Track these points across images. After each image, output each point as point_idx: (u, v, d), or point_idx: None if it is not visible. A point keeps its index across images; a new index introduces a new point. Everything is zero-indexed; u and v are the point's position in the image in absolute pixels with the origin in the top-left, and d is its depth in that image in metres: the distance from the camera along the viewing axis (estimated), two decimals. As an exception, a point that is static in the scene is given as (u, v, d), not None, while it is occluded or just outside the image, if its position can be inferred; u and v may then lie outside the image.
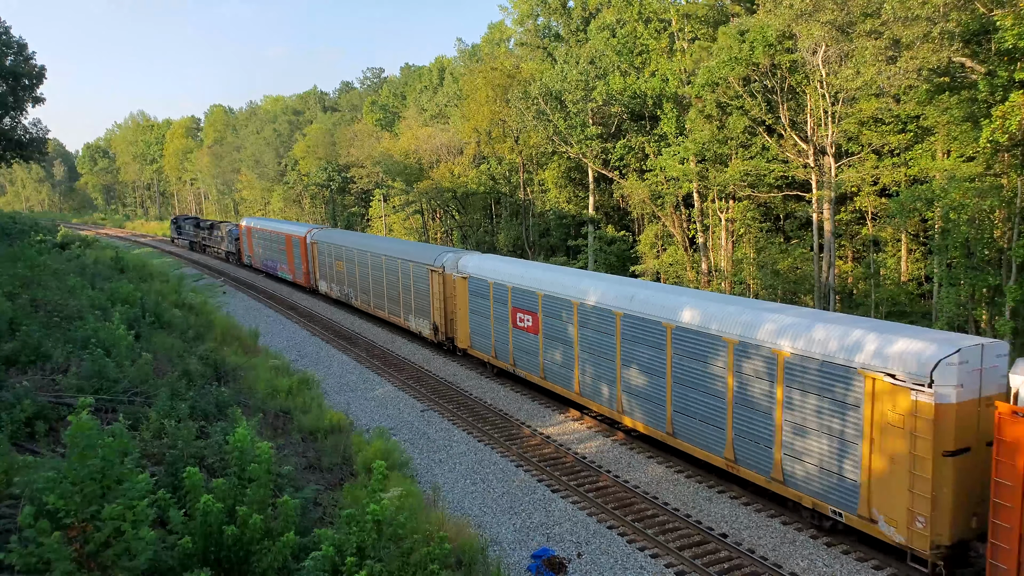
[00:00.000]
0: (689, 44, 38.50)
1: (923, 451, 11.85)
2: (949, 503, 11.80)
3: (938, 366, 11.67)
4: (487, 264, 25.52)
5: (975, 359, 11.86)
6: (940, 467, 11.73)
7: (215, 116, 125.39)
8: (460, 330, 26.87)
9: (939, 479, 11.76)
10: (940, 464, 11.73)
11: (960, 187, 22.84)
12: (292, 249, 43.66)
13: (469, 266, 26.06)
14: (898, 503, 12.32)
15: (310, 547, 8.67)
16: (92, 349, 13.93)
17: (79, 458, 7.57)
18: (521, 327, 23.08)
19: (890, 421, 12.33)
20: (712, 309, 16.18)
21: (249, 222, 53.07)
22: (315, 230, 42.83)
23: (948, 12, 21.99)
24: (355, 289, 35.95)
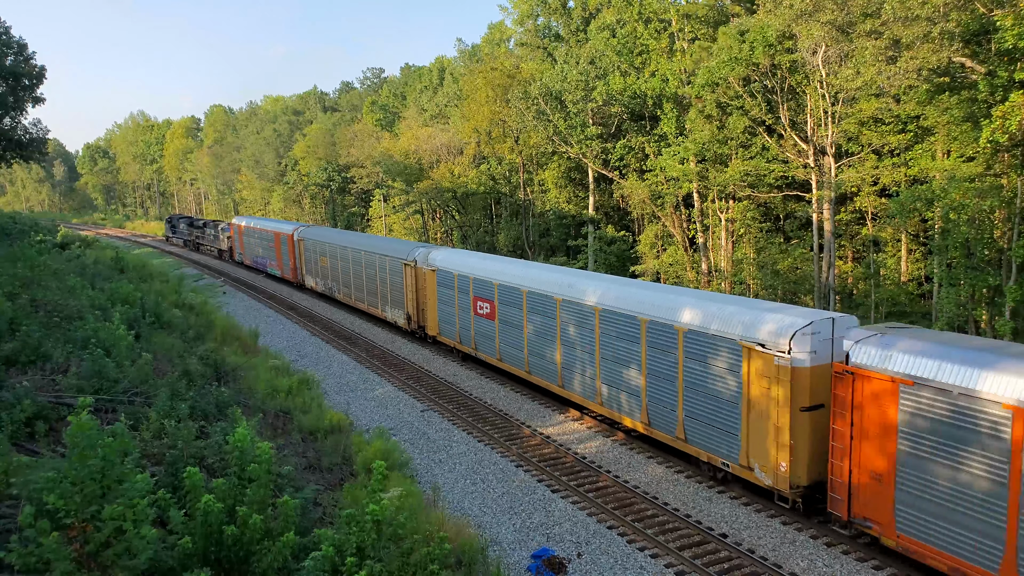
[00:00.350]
0: (689, 44, 38.51)
1: (783, 407, 14.03)
2: (805, 451, 14.05)
3: (795, 336, 13.89)
4: (453, 258, 27.66)
5: (827, 330, 14.03)
6: (797, 421, 14.01)
7: (215, 116, 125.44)
8: (430, 319, 28.74)
9: (797, 431, 14.02)
10: (797, 418, 14.00)
11: (960, 187, 22.84)
12: (281, 247, 45.39)
13: (437, 260, 28.08)
14: (767, 452, 14.56)
15: (310, 547, 8.67)
16: (92, 349, 13.93)
17: (79, 458, 7.57)
18: (481, 314, 25.11)
19: (760, 384, 14.54)
20: (631, 294, 18.55)
21: (240, 221, 54.65)
22: (302, 228, 44.43)
23: (948, 12, 22.00)
24: (338, 283, 37.76)
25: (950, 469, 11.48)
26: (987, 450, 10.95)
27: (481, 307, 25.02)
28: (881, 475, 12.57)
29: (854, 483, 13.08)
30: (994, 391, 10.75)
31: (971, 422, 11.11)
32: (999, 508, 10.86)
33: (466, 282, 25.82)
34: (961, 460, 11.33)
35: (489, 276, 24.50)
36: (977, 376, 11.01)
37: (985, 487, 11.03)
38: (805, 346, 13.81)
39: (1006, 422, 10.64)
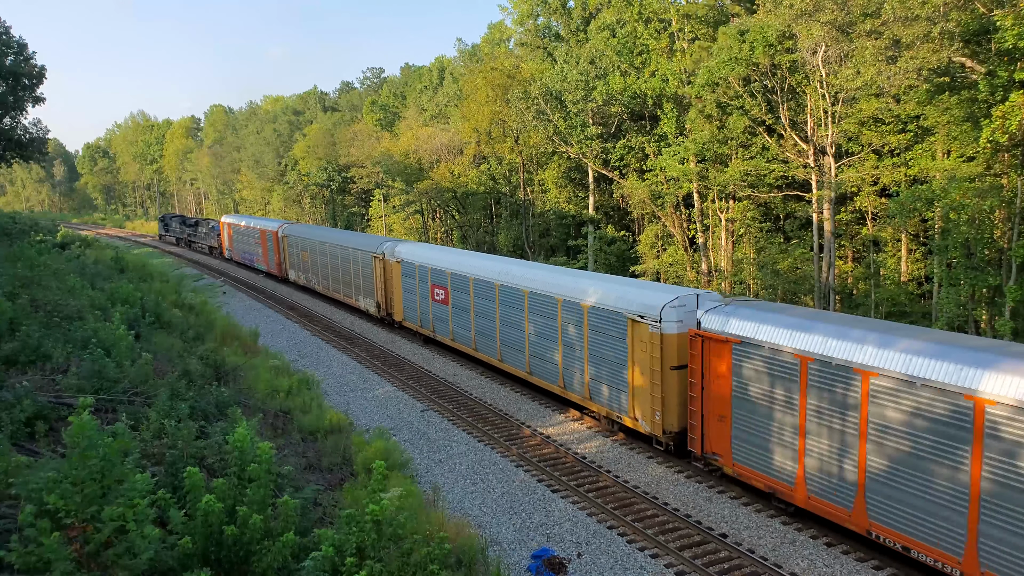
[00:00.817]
0: (689, 44, 38.52)
1: (656, 368, 17.18)
2: (674, 402, 17.17)
3: (664, 308, 17.11)
4: (415, 250, 30.67)
5: (691, 304, 17.05)
6: (667, 378, 17.10)
7: (215, 116, 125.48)
8: (396, 306, 31.66)
9: (667, 386, 17.14)
10: (667, 376, 17.09)
11: (960, 187, 22.84)
12: (266, 243, 47.88)
13: (401, 252, 30.96)
14: (647, 405, 17.68)
15: (310, 547, 8.67)
16: (92, 349, 13.93)
17: (79, 458, 7.58)
18: (437, 300, 28.02)
19: (640, 349, 17.71)
20: (551, 279, 21.70)
21: (229, 219, 57.37)
22: (285, 225, 47.00)
23: (948, 12, 22.01)
24: (317, 276, 40.40)
25: (765, 407, 14.68)
26: (788, 391, 14.08)
27: (437, 294, 27.96)
28: (722, 416, 15.78)
29: (705, 425, 16.31)
30: (791, 345, 13.96)
31: (776, 370, 14.28)
32: (794, 434, 14.12)
33: (425, 272, 28.65)
34: (771, 399, 14.49)
35: (444, 266, 27.44)
36: (781, 335, 14.27)
37: (785, 419, 14.24)
38: (672, 317, 17.02)
39: (796, 368, 13.86)
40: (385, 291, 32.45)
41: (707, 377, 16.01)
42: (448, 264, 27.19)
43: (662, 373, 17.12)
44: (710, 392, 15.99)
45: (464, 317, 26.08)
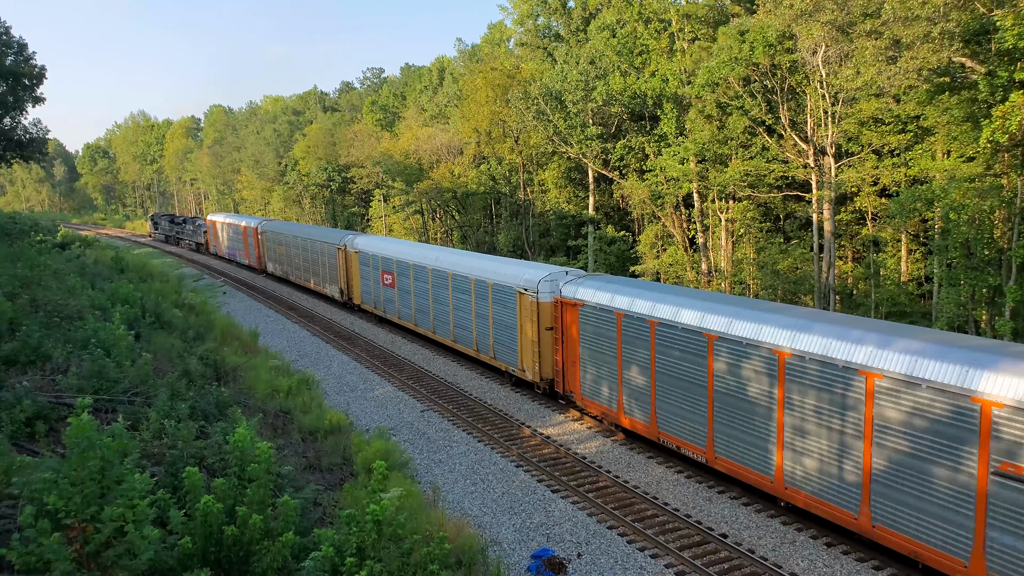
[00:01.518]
0: (689, 44, 38.52)
1: (535, 328, 21.96)
2: (548, 355, 22.03)
3: (539, 282, 21.89)
4: (369, 242, 35.64)
5: (560, 279, 21.41)
6: (542, 337, 21.93)
7: (215, 116, 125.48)
8: (355, 291, 36.21)
9: (542, 343, 21.96)
10: (543, 335, 21.91)
11: (960, 187, 22.84)
12: (247, 238, 51.94)
13: (359, 244, 35.52)
14: (529, 359, 22.61)
15: (310, 547, 8.67)
16: (92, 349, 13.93)
17: (79, 459, 7.57)
18: (386, 284, 32.33)
19: (524, 315, 22.59)
20: (467, 263, 26.51)
21: (214, 217, 61.66)
22: (264, 222, 50.91)
23: (948, 12, 22.00)
24: (291, 267, 44.76)
25: (601, 353, 19.37)
26: (611, 340, 18.88)
27: (386, 279, 32.37)
28: (574, 363, 20.49)
29: (565, 370, 21.01)
30: (615, 306, 18.56)
31: (609, 324, 18.89)
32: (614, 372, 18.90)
33: (377, 260, 33.06)
34: (604, 346, 19.22)
35: (390, 255, 31.87)
36: (610, 299, 18.88)
37: (611, 361, 18.97)
38: (545, 288, 21.71)
39: (614, 322, 18.60)
40: (347, 278, 36.73)
41: (565, 333, 20.81)
42: (394, 253, 31.80)
43: (539, 333, 21.96)
44: (567, 344, 20.77)
45: (406, 298, 30.71)
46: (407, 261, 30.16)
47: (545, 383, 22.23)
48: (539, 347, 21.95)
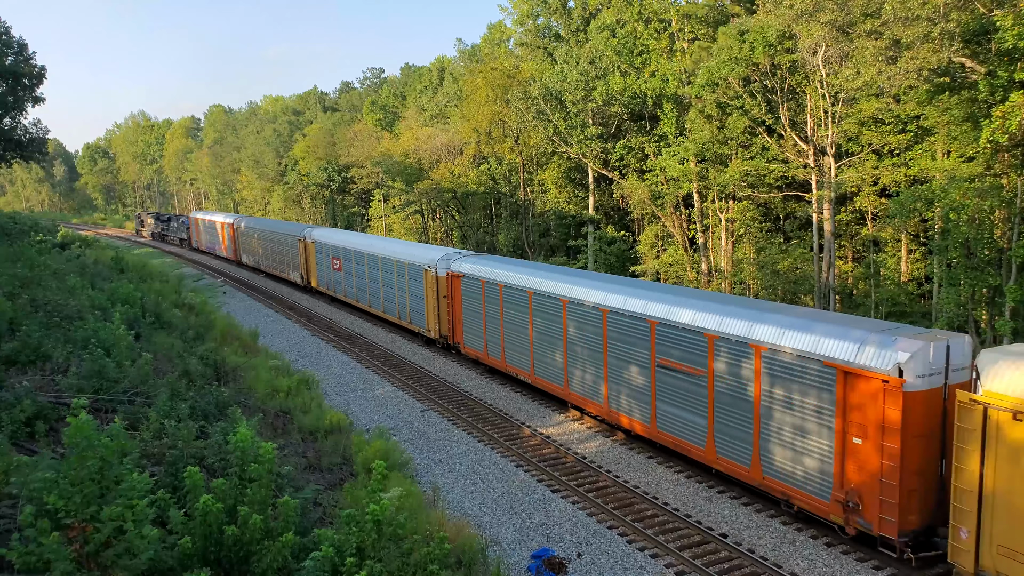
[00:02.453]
0: (689, 44, 38.51)
1: (435, 297, 27.89)
2: (445, 320, 27.68)
3: (438, 260, 27.73)
4: (324, 233, 41.78)
5: (452, 257, 27.40)
6: (440, 305, 27.70)
7: (215, 116, 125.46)
8: (312, 276, 42.11)
9: (440, 310, 27.81)
10: (441, 302, 27.69)
11: (960, 187, 22.82)
12: (225, 233, 58.08)
13: (315, 235, 41.60)
14: (432, 321, 28.51)
15: (310, 547, 8.66)
16: (92, 349, 13.92)
17: (78, 459, 7.57)
18: (335, 269, 38.29)
19: (428, 287, 28.37)
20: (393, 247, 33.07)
21: (196, 215, 67.45)
22: (238, 218, 56.37)
23: (948, 12, 22.00)
24: (262, 258, 50.38)
25: (474, 312, 25.50)
26: (478, 301, 25.02)
27: (335, 264, 38.15)
28: (459, 321, 26.60)
29: (453, 328, 27.14)
30: (480, 276, 24.78)
31: (476, 290, 25.15)
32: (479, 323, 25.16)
33: (328, 248, 39.07)
34: (475, 307, 25.39)
35: (338, 244, 38.05)
36: (479, 271, 25.04)
37: (480, 317, 25.10)
38: (442, 266, 27.55)
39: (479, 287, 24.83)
40: (306, 265, 42.66)
41: (453, 299, 26.87)
42: (340, 242, 38.17)
43: (437, 301, 27.97)
44: (454, 307, 26.97)
45: (350, 279, 36.48)
46: (350, 248, 36.42)
47: (442, 339, 28.25)
48: (438, 311, 28.10)
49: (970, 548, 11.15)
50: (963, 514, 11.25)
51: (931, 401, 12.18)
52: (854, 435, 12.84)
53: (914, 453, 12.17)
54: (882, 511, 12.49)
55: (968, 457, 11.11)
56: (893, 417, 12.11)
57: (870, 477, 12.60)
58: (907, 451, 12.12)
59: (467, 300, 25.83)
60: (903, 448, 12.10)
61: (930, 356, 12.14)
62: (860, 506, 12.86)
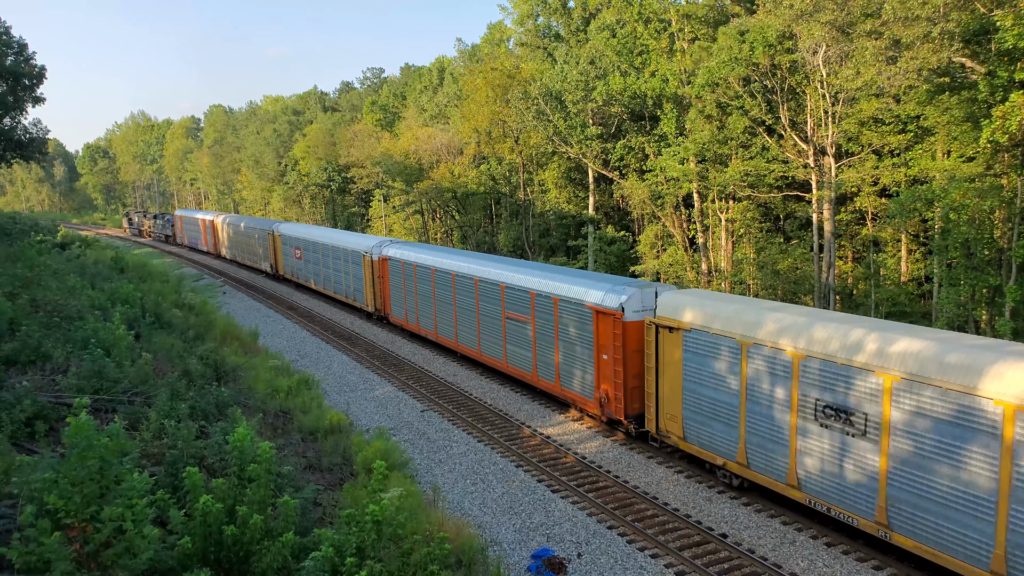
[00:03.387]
0: (689, 44, 38.50)
1: (370, 278, 33.94)
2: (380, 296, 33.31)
3: (372, 247, 33.88)
4: (288, 227, 47.61)
5: (385, 244, 33.20)
6: (376, 284, 33.46)
7: (215, 116, 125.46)
8: (280, 265, 47.82)
9: (376, 288, 33.49)
10: (376, 282, 33.38)
11: (960, 187, 22.83)
12: (205, 229, 63.75)
13: (281, 229, 47.42)
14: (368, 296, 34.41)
15: (310, 547, 8.66)
16: (92, 349, 13.91)
17: (78, 459, 7.57)
18: (296, 258, 44.38)
19: (366, 269, 34.16)
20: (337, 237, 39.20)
21: (180, 213, 73.40)
22: (217, 216, 62.09)
23: (948, 12, 22.00)
24: (238, 251, 55.89)
25: (398, 288, 31.01)
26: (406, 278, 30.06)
27: (296, 254, 44.31)
28: (388, 296, 32.29)
29: (383, 300, 32.96)
30: (401, 257, 30.79)
31: (397, 269, 30.82)
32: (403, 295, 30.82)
33: (292, 241, 44.76)
34: (399, 283, 30.83)
35: (299, 236, 43.96)
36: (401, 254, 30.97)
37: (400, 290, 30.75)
38: (376, 251, 33.37)
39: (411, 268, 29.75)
40: (274, 256, 48.32)
41: (383, 278, 32.84)
42: (300, 234, 44.04)
43: (372, 279, 33.93)
44: (386, 287, 32.67)
45: (308, 266, 42.41)
46: (308, 239, 42.24)
47: (377, 313, 34.07)
48: (373, 289, 33.93)
49: (653, 418, 17.88)
50: (650, 396, 17.83)
51: (640, 328, 18.20)
52: (602, 353, 19.12)
53: (632, 363, 18.40)
54: (617, 402, 18.81)
55: (650, 359, 17.69)
56: (619, 339, 18.41)
57: (611, 381, 18.91)
58: (628, 362, 18.38)
59: (393, 279, 31.98)
60: (625, 360, 18.41)
61: (640, 300, 18.38)
62: (608, 400, 19.14)
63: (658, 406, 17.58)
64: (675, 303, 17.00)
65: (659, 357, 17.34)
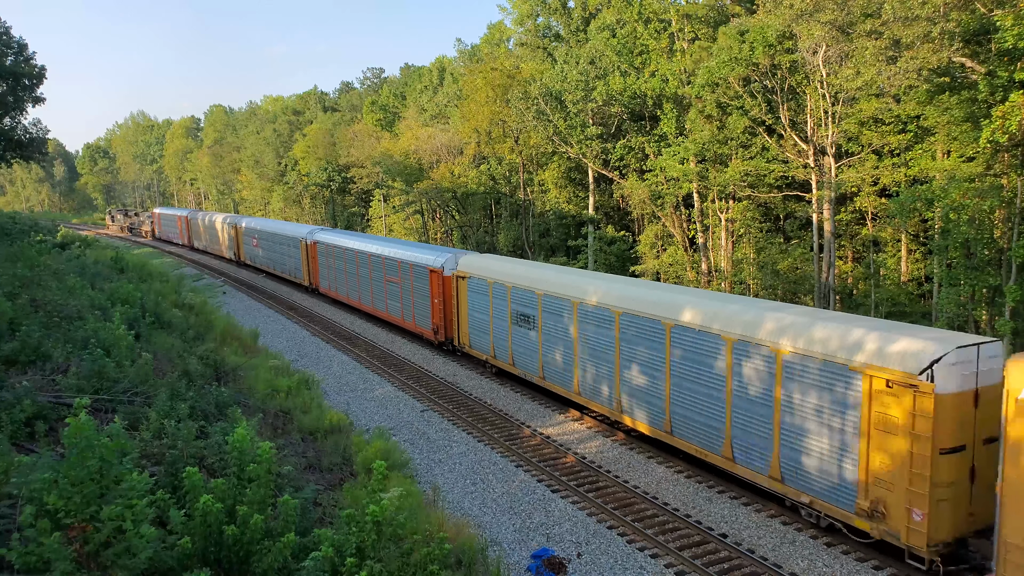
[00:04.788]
0: (689, 44, 38.50)
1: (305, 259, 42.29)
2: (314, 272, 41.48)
3: (307, 234, 42.33)
4: (247, 220, 54.30)
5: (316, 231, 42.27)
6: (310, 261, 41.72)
7: (215, 116, 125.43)
8: (242, 254, 54.61)
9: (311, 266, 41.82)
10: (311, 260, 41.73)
11: (960, 187, 22.83)
12: (181, 225, 70.72)
13: (241, 223, 54.09)
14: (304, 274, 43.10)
15: (310, 547, 8.65)
16: (92, 349, 13.91)
17: (78, 459, 7.57)
18: (254, 246, 51.23)
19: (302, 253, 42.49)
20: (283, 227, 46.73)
21: (158, 210, 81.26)
22: (190, 212, 69.88)
23: (948, 12, 22.00)
24: (208, 242, 63.13)
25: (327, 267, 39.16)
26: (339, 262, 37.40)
27: (254, 242, 51.09)
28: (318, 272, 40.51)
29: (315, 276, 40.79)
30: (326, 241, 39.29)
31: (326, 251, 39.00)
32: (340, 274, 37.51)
33: (252, 231, 51.45)
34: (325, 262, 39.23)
35: (253, 226, 51.11)
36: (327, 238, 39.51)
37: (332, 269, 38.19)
38: (310, 238, 40.89)
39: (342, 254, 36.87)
40: (237, 245, 55.20)
41: (313, 259, 40.26)
42: (254, 225, 51.10)
43: (308, 260, 41.30)
44: (314, 264, 40.12)
45: (263, 252, 49.29)
46: (260, 230, 49.58)
47: (311, 286, 41.37)
48: (307, 268, 41.58)
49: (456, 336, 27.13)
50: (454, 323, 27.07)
51: (452, 281, 26.81)
52: (434, 298, 27.87)
53: (449, 304, 27.23)
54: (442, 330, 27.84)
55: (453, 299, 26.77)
56: (440, 287, 27.42)
57: (448, 321, 27.52)
58: (446, 307, 27.36)
59: (320, 258, 39.50)
60: (444, 305, 27.39)
61: (454, 262, 27.06)
62: (438, 329, 27.91)
63: (458, 328, 26.94)
64: (466, 263, 26.32)
65: (458, 297, 26.52)
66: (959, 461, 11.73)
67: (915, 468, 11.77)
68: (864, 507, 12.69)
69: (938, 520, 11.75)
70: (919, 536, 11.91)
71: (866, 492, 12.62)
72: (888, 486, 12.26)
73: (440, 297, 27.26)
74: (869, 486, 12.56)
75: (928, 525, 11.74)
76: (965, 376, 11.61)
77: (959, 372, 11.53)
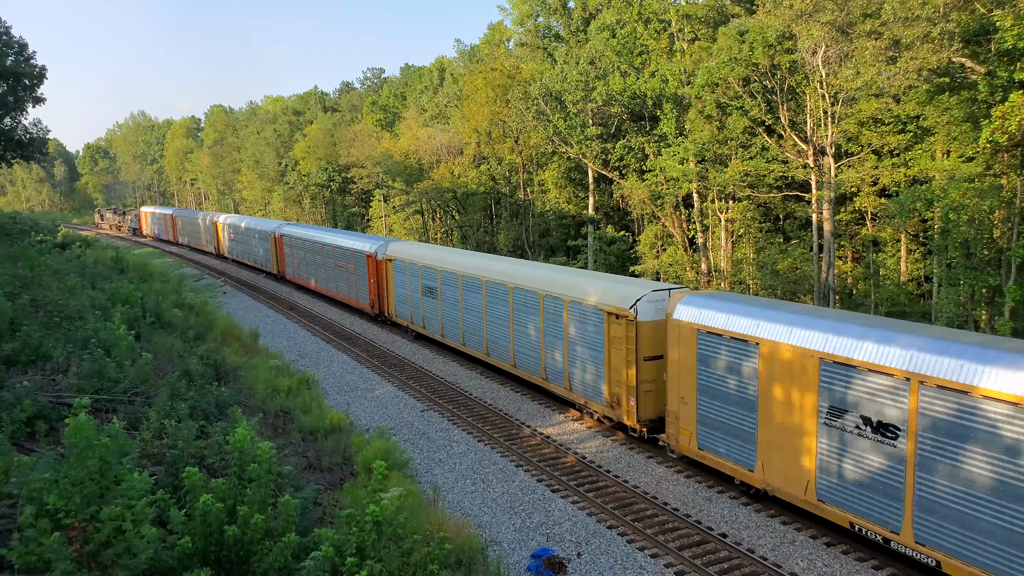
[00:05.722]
0: (689, 44, 38.51)
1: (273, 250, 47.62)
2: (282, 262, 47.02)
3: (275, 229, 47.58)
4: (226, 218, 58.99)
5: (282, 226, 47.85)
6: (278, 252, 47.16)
7: (215, 116, 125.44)
8: (222, 247, 59.41)
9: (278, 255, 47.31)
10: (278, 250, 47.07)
11: (960, 187, 22.84)
12: (167, 222, 75.51)
13: (219, 219, 59.65)
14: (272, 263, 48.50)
15: (310, 547, 8.67)
16: (92, 349, 13.93)
17: (78, 459, 7.58)
18: (233, 240, 56.11)
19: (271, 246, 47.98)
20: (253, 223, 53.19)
21: (145, 209, 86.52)
22: (176, 211, 75.46)
23: (948, 12, 22.01)
24: (193, 239, 67.97)
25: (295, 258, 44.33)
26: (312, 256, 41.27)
27: (234, 237, 55.78)
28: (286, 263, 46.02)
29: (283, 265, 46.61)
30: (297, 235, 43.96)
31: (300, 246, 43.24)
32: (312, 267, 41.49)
33: (231, 227, 56.13)
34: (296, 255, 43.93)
35: (234, 223, 55.95)
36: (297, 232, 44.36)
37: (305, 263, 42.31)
38: (276, 231, 46.69)
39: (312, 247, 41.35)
40: (217, 240, 60.47)
41: (280, 250, 45.79)
42: (235, 222, 56.17)
43: (276, 251, 46.46)
44: (281, 254, 45.78)
45: (240, 245, 54.50)
46: (237, 226, 54.73)
47: (279, 275, 46.70)
48: (276, 259, 46.70)
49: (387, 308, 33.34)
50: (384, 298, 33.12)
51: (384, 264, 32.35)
52: (370, 279, 33.45)
53: (382, 284, 32.78)
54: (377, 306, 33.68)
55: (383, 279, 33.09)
56: (374, 268, 33.20)
57: (381, 296, 33.11)
58: (380, 282, 32.95)
59: (288, 250, 44.75)
60: (378, 283, 33.13)
61: (385, 248, 32.77)
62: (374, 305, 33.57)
63: (387, 302, 32.71)
64: (392, 248, 32.40)
65: (387, 277, 32.30)
66: (656, 366, 17.76)
67: (629, 370, 17.99)
68: (608, 400, 18.99)
69: (644, 405, 18.06)
70: (632, 416, 18.29)
71: (609, 389, 18.90)
72: (617, 384, 18.52)
73: (375, 277, 33.33)
74: (611, 385, 18.79)
75: (638, 408, 18.07)
76: (659, 310, 17.69)
77: (654, 308, 17.75)
